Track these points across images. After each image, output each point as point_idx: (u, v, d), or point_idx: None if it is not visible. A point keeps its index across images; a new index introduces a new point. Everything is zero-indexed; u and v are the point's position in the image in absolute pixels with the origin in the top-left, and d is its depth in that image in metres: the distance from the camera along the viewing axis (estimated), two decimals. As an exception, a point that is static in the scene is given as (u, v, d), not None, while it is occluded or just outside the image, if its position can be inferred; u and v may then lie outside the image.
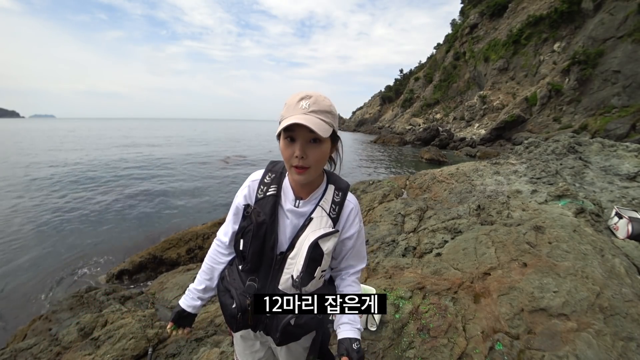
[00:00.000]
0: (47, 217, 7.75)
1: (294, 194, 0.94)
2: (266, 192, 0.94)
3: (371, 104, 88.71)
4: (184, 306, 1.07)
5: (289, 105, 0.83)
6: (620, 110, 19.21)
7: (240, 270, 0.98)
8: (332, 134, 0.85)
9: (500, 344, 1.81)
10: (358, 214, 0.99)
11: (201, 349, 2.18)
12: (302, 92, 0.84)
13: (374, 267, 2.91)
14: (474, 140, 26.39)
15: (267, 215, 0.91)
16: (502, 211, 3.55)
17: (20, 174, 12.90)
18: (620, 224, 3.55)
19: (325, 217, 0.92)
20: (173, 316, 1.07)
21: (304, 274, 0.86)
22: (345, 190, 0.98)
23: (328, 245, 0.89)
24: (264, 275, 0.93)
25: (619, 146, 6.17)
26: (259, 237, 0.91)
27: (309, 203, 0.94)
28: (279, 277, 0.92)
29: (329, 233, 0.90)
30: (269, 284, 0.93)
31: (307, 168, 0.83)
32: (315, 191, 0.95)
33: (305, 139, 0.82)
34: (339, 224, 0.95)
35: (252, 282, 0.93)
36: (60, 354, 2.28)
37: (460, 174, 6.41)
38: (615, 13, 22.54)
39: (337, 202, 0.94)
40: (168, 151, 23.14)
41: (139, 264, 4.96)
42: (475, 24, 42.40)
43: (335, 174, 1.01)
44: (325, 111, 0.83)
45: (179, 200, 9.58)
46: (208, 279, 1.07)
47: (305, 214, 0.93)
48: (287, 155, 0.83)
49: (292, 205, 0.93)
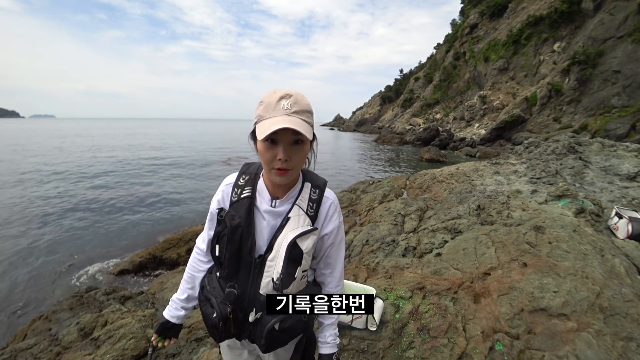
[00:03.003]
0: (47, 217, 7.76)
1: (269, 194, 0.91)
2: (240, 194, 0.92)
3: (371, 104, 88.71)
4: (168, 317, 1.05)
5: (267, 105, 0.79)
6: (620, 110, 19.20)
7: (219, 277, 0.94)
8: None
9: (500, 344, 1.81)
10: (337, 209, 0.97)
11: (201, 349, 2.18)
12: (281, 90, 0.80)
13: (374, 267, 2.91)
14: (474, 140, 26.37)
15: (243, 217, 0.88)
16: (502, 211, 3.55)
17: (21, 174, 12.91)
18: (620, 224, 3.55)
19: (302, 215, 0.89)
20: (157, 328, 1.06)
21: (284, 275, 0.84)
22: (322, 187, 0.95)
23: (307, 243, 0.86)
24: (243, 280, 0.90)
25: (619, 146, 6.17)
26: (235, 241, 0.88)
27: (286, 202, 0.91)
28: (259, 281, 0.88)
29: (308, 231, 0.87)
30: (249, 289, 0.89)
31: (290, 170, 0.81)
32: (292, 190, 0.92)
33: (288, 141, 0.79)
34: (318, 221, 0.92)
35: (232, 288, 0.90)
36: (60, 354, 2.28)
37: (460, 174, 6.41)
38: (615, 13, 22.53)
39: (314, 200, 0.91)
40: (168, 152, 23.17)
41: (139, 264, 4.96)
42: (475, 24, 42.38)
43: (311, 171, 0.98)
44: (306, 111, 0.81)
45: (179, 201, 9.60)
46: (190, 288, 1.05)
47: (282, 213, 0.90)
48: (269, 158, 0.80)
49: (268, 205, 0.90)
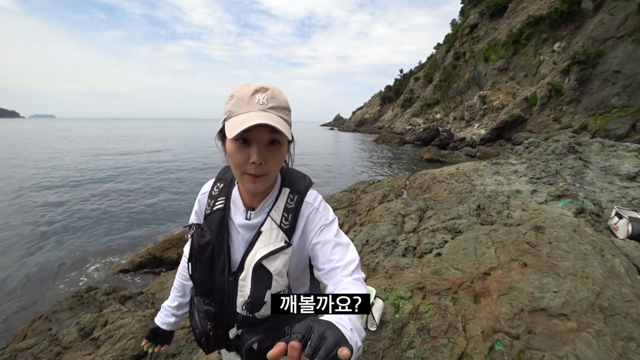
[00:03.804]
0: (47, 217, 7.75)
1: (244, 204, 0.81)
2: (213, 206, 0.83)
3: (371, 104, 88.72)
4: (159, 323, 1.03)
5: (239, 99, 0.68)
6: (620, 110, 19.20)
7: (195, 295, 0.90)
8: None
9: (500, 344, 1.81)
10: (321, 211, 0.81)
11: (201, 349, 2.18)
12: (254, 84, 0.69)
13: (374, 267, 2.91)
14: (474, 140, 26.38)
15: (214, 234, 0.81)
16: (502, 211, 3.55)
17: (22, 175, 12.91)
18: (620, 224, 3.55)
19: (275, 229, 0.77)
20: (148, 333, 1.04)
21: (252, 298, 0.75)
22: (302, 191, 0.82)
23: (276, 265, 0.74)
24: (219, 300, 0.83)
25: (619, 146, 6.16)
26: (204, 260, 0.81)
27: (261, 213, 0.80)
28: (235, 300, 0.80)
29: (277, 250, 0.75)
30: (226, 307, 0.83)
31: (264, 175, 0.70)
32: (267, 197, 0.80)
33: (264, 141, 0.68)
34: (295, 234, 0.79)
35: (209, 306, 0.85)
36: (60, 354, 2.28)
37: (460, 174, 6.41)
38: (615, 13, 22.53)
39: (290, 209, 0.79)
40: (168, 152, 23.17)
41: (139, 264, 4.96)
42: (475, 24, 42.39)
43: (294, 171, 0.87)
44: (284, 107, 0.70)
45: (179, 201, 9.60)
46: (180, 296, 1.02)
47: (256, 226, 0.79)
48: (240, 160, 0.69)
49: (243, 218, 0.80)
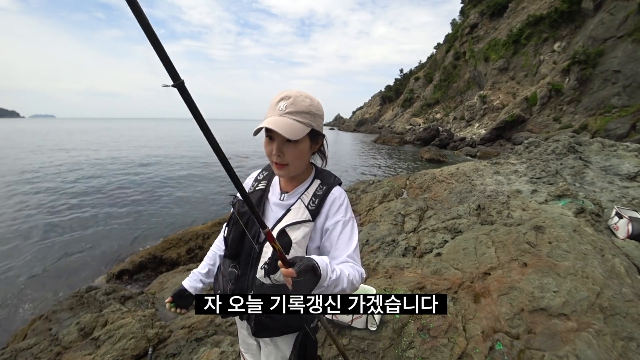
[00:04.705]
0: (47, 217, 7.74)
1: (280, 189, 1.00)
2: (256, 187, 1.04)
3: (371, 103, 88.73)
4: (186, 286, 1.12)
5: (270, 104, 0.87)
6: (620, 110, 19.18)
7: (224, 257, 1.03)
8: (313, 131, 0.88)
9: (500, 344, 1.81)
10: (344, 205, 0.94)
11: (201, 349, 2.18)
12: (284, 92, 0.87)
13: (374, 267, 2.91)
14: (474, 140, 26.36)
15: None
16: (502, 211, 3.55)
17: (22, 175, 12.91)
18: (620, 224, 3.55)
19: (302, 208, 0.93)
20: (173, 293, 1.11)
21: (272, 260, 0.86)
22: (330, 185, 0.97)
23: (297, 234, 0.89)
24: (244, 263, 0.96)
25: (619, 146, 6.17)
26: (239, 226, 0.95)
27: (293, 196, 0.97)
28: (257, 266, 0.93)
29: (300, 222, 0.90)
30: (249, 272, 0.95)
31: (286, 165, 0.88)
32: (300, 185, 0.98)
33: (281, 138, 0.84)
34: (320, 216, 0.93)
35: (234, 269, 0.98)
36: (60, 354, 2.28)
37: (460, 174, 6.41)
38: (616, 13, 22.51)
39: (318, 195, 0.94)
40: (168, 152, 23.16)
41: (139, 264, 4.96)
42: (476, 23, 42.36)
43: (327, 171, 1.03)
44: (303, 112, 0.85)
45: (179, 200, 9.58)
46: (212, 264, 1.15)
47: (287, 206, 0.96)
48: (267, 152, 0.89)
49: (277, 198, 0.98)
